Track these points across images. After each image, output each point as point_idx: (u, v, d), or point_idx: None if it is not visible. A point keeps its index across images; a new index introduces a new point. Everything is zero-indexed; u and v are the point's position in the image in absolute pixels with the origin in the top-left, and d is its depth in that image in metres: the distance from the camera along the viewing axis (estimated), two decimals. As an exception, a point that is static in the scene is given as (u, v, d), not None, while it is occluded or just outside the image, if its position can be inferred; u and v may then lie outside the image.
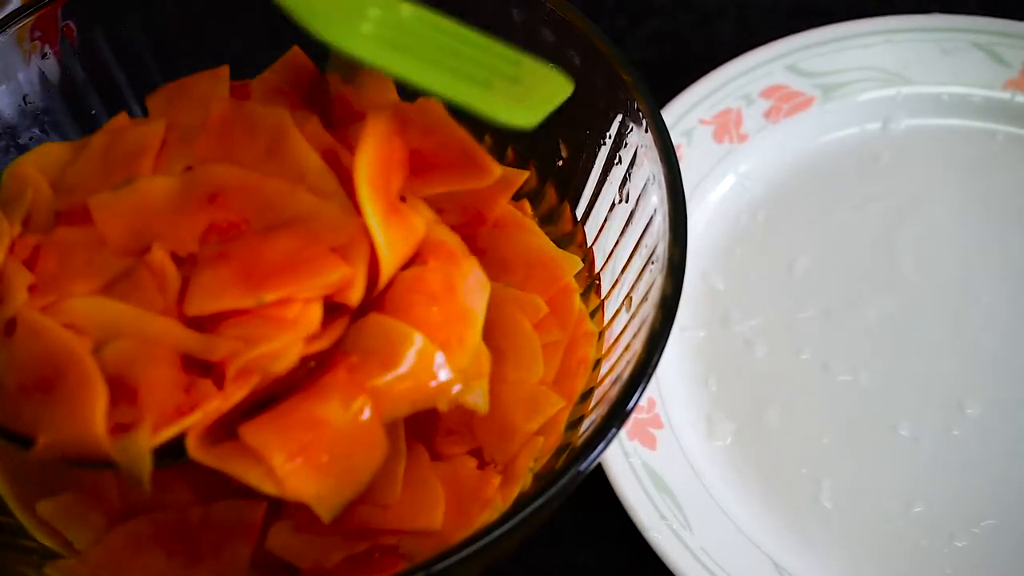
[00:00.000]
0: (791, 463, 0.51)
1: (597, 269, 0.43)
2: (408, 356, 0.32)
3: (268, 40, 0.40)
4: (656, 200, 0.38)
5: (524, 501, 0.31)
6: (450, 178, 0.37)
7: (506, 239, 0.42)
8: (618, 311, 0.40)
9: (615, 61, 0.40)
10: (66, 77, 0.43)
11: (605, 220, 0.43)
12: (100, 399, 0.31)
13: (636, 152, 0.40)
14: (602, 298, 0.42)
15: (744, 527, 0.48)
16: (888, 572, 0.48)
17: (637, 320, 0.37)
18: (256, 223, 0.34)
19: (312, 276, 0.32)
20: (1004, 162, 0.59)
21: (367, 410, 0.32)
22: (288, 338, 0.32)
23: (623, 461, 0.48)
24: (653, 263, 0.37)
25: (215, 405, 0.31)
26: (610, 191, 0.42)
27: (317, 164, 0.35)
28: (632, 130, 0.40)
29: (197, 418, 0.31)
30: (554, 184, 0.45)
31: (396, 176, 0.36)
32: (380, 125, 0.35)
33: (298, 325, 0.32)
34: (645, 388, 0.33)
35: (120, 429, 0.31)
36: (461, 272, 0.34)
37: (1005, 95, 0.60)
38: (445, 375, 0.33)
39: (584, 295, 0.42)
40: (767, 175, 0.60)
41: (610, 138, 0.41)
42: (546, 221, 0.45)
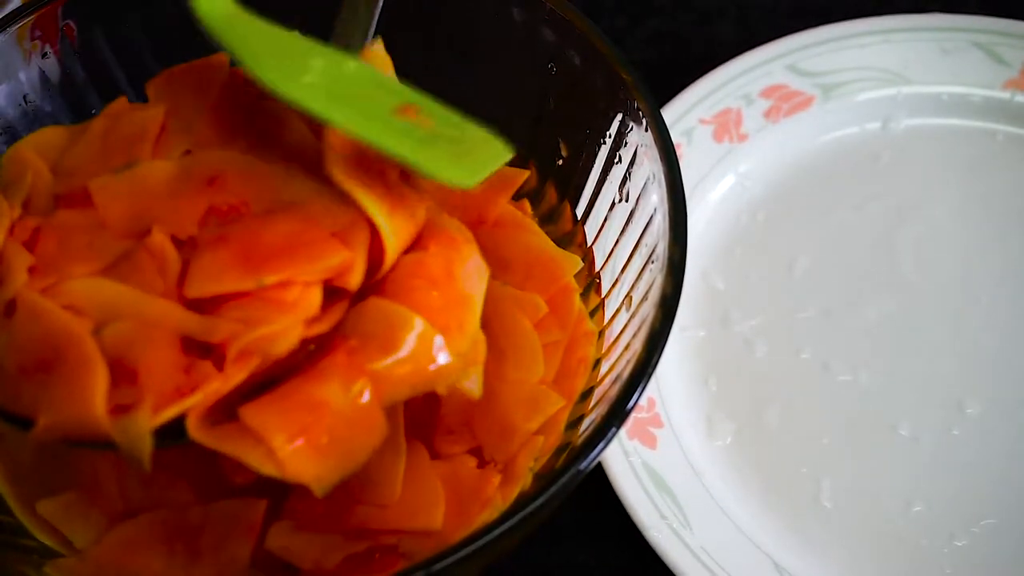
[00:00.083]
0: (791, 463, 0.51)
1: (597, 268, 0.43)
2: (408, 340, 0.32)
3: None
4: (656, 199, 0.38)
5: (524, 500, 0.31)
6: None
7: (506, 238, 0.42)
8: (618, 310, 0.40)
9: (615, 61, 0.40)
10: (66, 77, 0.43)
11: (605, 219, 0.42)
12: (100, 380, 0.30)
13: (636, 151, 0.40)
14: (602, 297, 0.42)
15: (744, 527, 0.48)
16: (888, 572, 0.48)
17: (637, 319, 0.37)
18: (255, 206, 0.34)
19: (312, 260, 0.32)
20: (1004, 162, 0.59)
21: (367, 393, 0.31)
22: (288, 320, 0.32)
23: (623, 460, 0.48)
24: (653, 262, 0.37)
25: (215, 386, 0.31)
26: (610, 190, 0.42)
27: (316, 148, 0.35)
28: (632, 129, 0.40)
29: (197, 399, 0.31)
30: (554, 183, 0.45)
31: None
32: None
33: (298, 308, 0.32)
34: (645, 388, 0.33)
35: (120, 410, 0.31)
36: (461, 257, 0.34)
37: (1005, 95, 0.60)
38: (445, 359, 0.32)
39: (584, 295, 0.42)
40: (767, 175, 0.60)
41: (610, 137, 0.41)
42: (546, 221, 0.45)
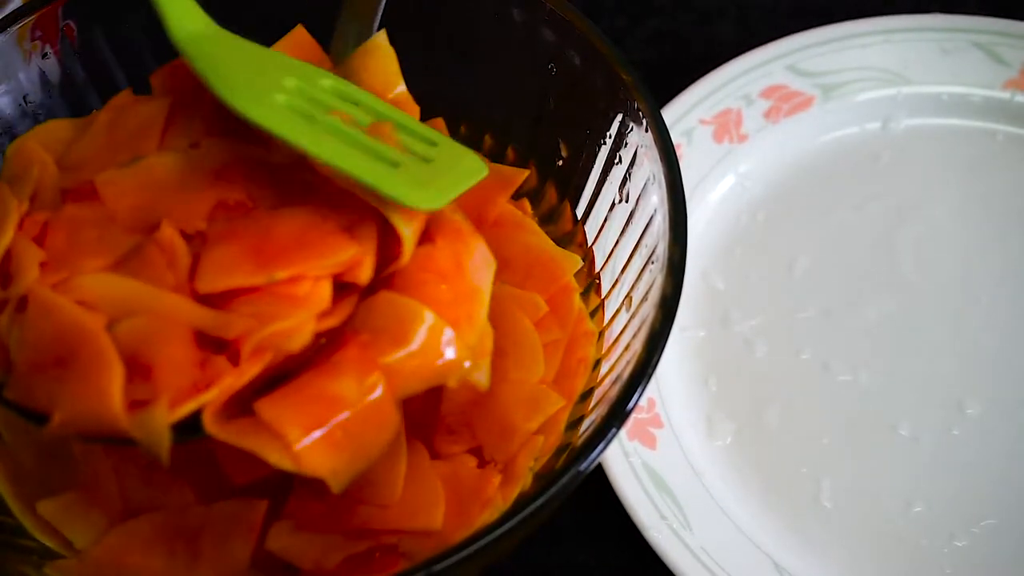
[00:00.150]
0: (791, 463, 0.51)
1: (597, 269, 0.43)
2: (419, 333, 0.32)
3: (270, 40, 0.40)
4: (656, 200, 0.38)
5: (524, 501, 0.31)
6: None
7: (506, 238, 0.42)
8: (618, 311, 0.40)
9: (615, 61, 0.40)
10: (66, 77, 0.43)
11: (605, 220, 0.42)
12: (116, 375, 0.31)
13: (636, 152, 0.40)
14: (602, 297, 0.42)
15: (744, 527, 0.48)
16: (888, 572, 0.48)
17: (637, 320, 0.37)
18: (263, 200, 0.34)
19: (322, 255, 0.32)
20: (1004, 162, 0.59)
21: (380, 386, 0.32)
22: (301, 315, 0.32)
23: (623, 461, 0.48)
24: (653, 263, 0.37)
25: (230, 382, 0.31)
26: (610, 191, 0.42)
27: None
28: (632, 130, 0.40)
29: (213, 395, 0.31)
30: (554, 183, 0.45)
31: None
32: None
33: (310, 302, 0.32)
34: (645, 388, 0.33)
35: (137, 405, 0.31)
36: (468, 250, 0.34)
37: (1005, 95, 0.60)
38: (455, 352, 0.33)
39: (584, 294, 0.42)
40: (767, 175, 0.59)
41: (610, 138, 0.41)
42: (546, 220, 0.45)
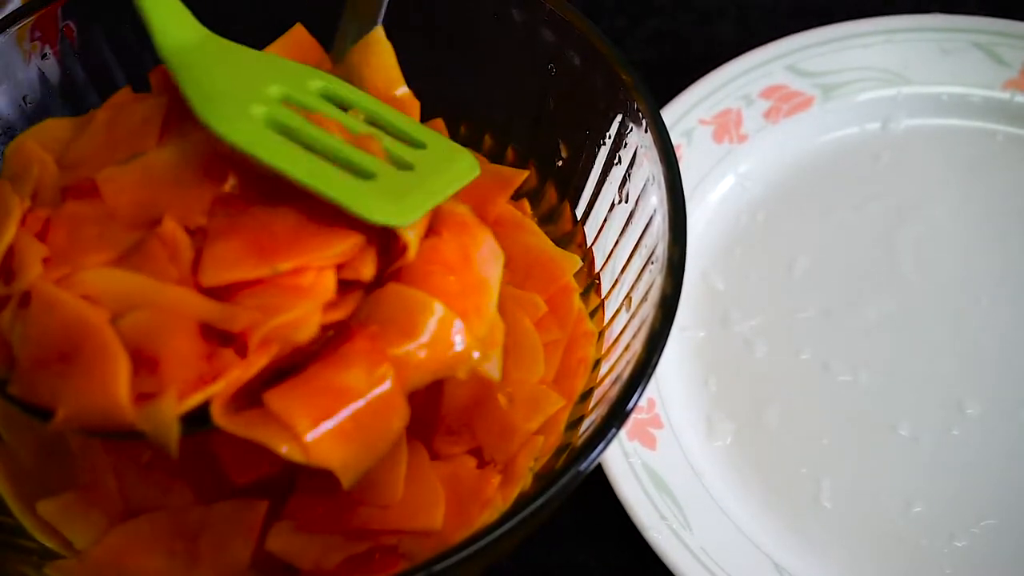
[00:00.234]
0: (791, 463, 0.51)
1: (597, 269, 0.43)
2: (428, 324, 0.32)
3: (270, 40, 0.40)
4: (656, 200, 0.38)
5: (524, 501, 0.31)
6: None
7: (506, 238, 0.42)
8: (618, 311, 0.40)
9: (615, 61, 0.40)
10: (66, 77, 0.43)
11: (605, 220, 0.42)
12: (122, 369, 0.30)
13: (636, 152, 0.40)
14: (602, 298, 0.42)
15: (744, 527, 0.48)
16: (888, 572, 0.48)
17: (637, 320, 0.37)
18: (262, 192, 0.34)
19: (324, 246, 0.32)
20: (1004, 162, 0.59)
21: (389, 378, 0.32)
22: (307, 306, 0.32)
23: (623, 461, 0.48)
24: (653, 263, 0.37)
25: (238, 373, 0.31)
26: (610, 191, 0.42)
27: None
28: (632, 130, 0.40)
29: (221, 386, 0.31)
30: (554, 184, 0.45)
31: None
32: None
33: (314, 293, 0.32)
34: (645, 388, 0.33)
35: (144, 398, 0.31)
36: (475, 242, 0.34)
37: (1005, 95, 0.60)
38: (464, 343, 0.33)
39: (584, 295, 0.42)
40: (767, 175, 0.59)
41: (610, 138, 0.41)
42: (546, 221, 0.45)
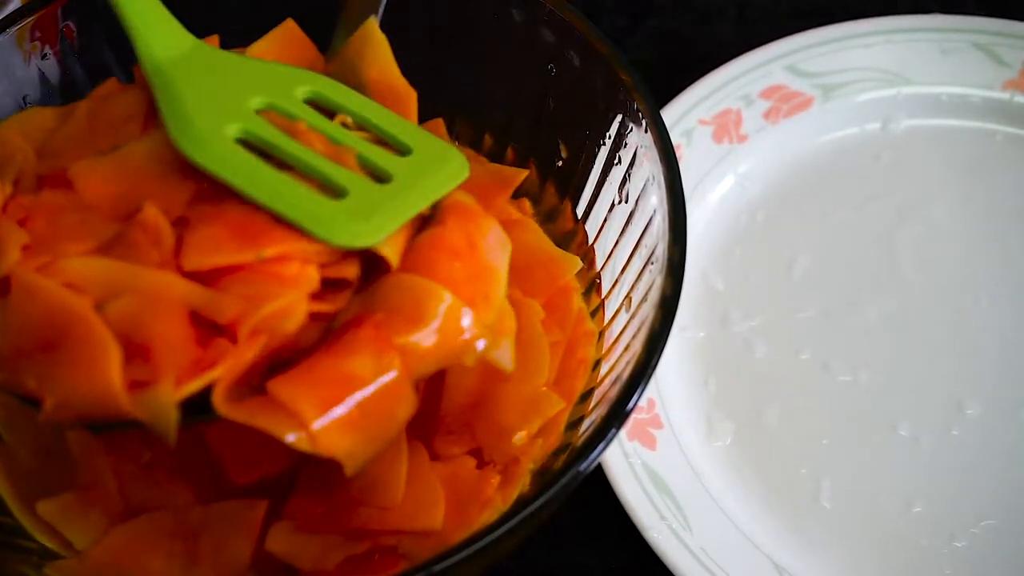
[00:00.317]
0: (791, 463, 0.51)
1: (597, 269, 0.43)
2: (434, 311, 0.32)
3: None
4: (656, 200, 0.38)
5: (524, 501, 0.31)
6: None
7: (506, 238, 0.42)
8: (618, 311, 0.40)
9: (615, 61, 0.39)
10: (66, 77, 0.43)
11: (605, 220, 0.42)
12: (113, 355, 0.30)
13: (636, 152, 0.40)
14: (602, 298, 0.42)
15: (744, 527, 0.48)
16: (888, 572, 0.48)
17: (637, 320, 0.37)
18: None
19: (307, 235, 0.32)
20: (1004, 162, 0.59)
21: (395, 365, 0.31)
22: (293, 295, 0.31)
23: (623, 461, 0.48)
24: (653, 263, 0.37)
25: (234, 359, 0.30)
26: (610, 191, 0.42)
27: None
28: (632, 130, 0.40)
29: (221, 371, 0.30)
30: (554, 184, 0.45)
31: None
32: None
33: (299, 283, 0.32)
34: (645, 388, 0.33)
35: (138, 386, 0.30)
36: (481, 230, 0.34)
37: (1004, 95, 0.60)
38: (471, 331, 0.32)
39: (584, 295, 0.42)
40: (767, 175, 0.59)
41: (610, 138, 0.41)
42: (546, 221, 0.45)
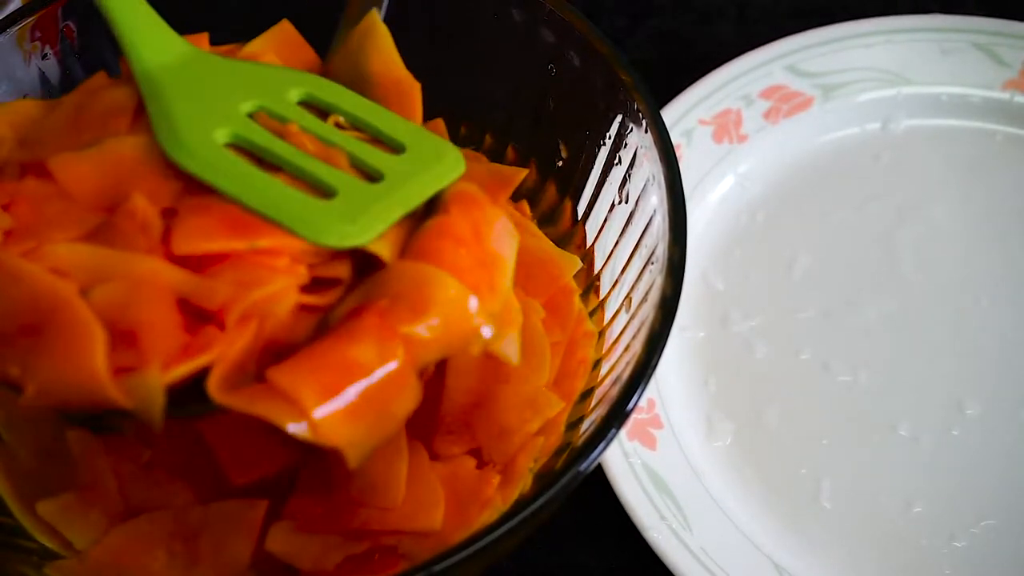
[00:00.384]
0: (791, 463, 0.51)
1: (597, 269, 0.43)
2: (439, 299, 0.31)
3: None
4: (656, 200, 0.38)
5: (524, 501, 0.31)
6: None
7: (505, 239, 0.42)
8: (618, 311, 0.40)
9: (615, 61, 0.39)
10: (66, 77, 0.43)
11: (605, 220, 0.42)
12: (98, 340, 0.29)
13: (636, 152, 0.40)
14: (602, 298, 0.42)
15: (744, 527, 0.48)
16: (888, 572, 0.48)
17: (637, 320, 0.37)
18: None
19: None
20: (1004, 162, 0.59)
21: (399, 353, 0.30)
22: (284, 281, 0.31)
23: (623, 461, 0.48)
24: (653, 263, 0.37)
25: (224, 346, 0.30)
26: (610, 191, 0.42)
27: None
28: (632, 130, 0.40)
29: (210, 358, 0.30)
30: (554, 184, 0.45)
31: None
32: None
33: (290, 274, 0.31)
34: (645, 388, 0.33)
35: (124, 371, 0.29)
36: (486, 218, 0.34)
37: (1004, 95, 0.60)
38: (476, 319, 0.32)
39: (584, 295, 0.42)
40: (767, 175, 0.59)
41: (610, 138, 0.41)
42: (546, 221, 0.45)
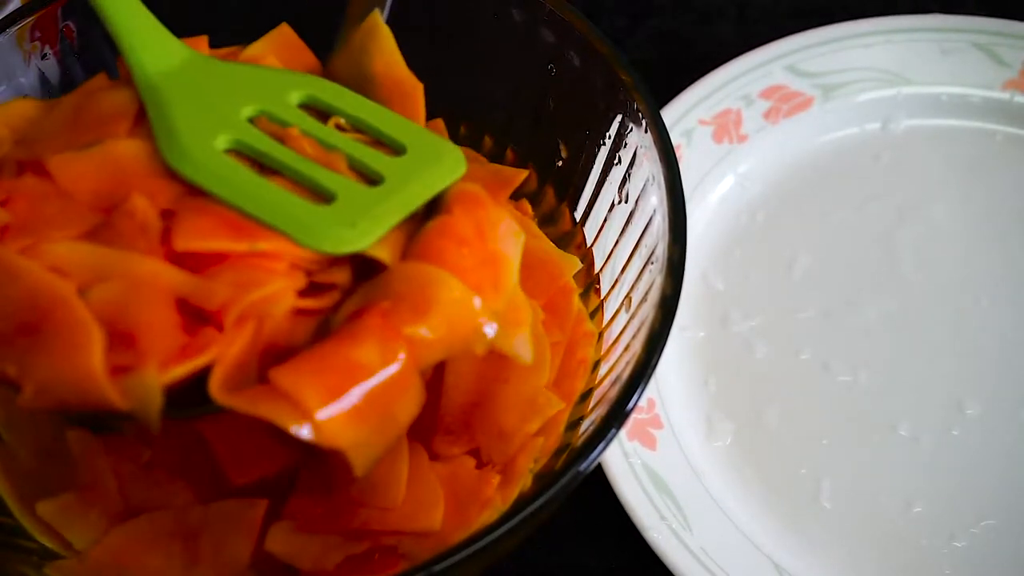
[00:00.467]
0: (791, 463, 0.51)
1: (597, 269, 0.43)
2: (441, 300, 0.31)
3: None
4: (656, 200, 0.38)
5: (524, 501, 0.31)
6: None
7: (505, 239, 0.42)
8: (618, 311, 0.40)
9: (615, 61, 0.39)
10: (66, 77, 0.43)
11: (605, 220, 0.42)
12: (95, 339, 0.29)
13: (636, 152, 0.40)
14: (602, 298, 0.42)
15: (744, 527, 0.48)
16: (888, 572, 0.48)
17: (637, 320, 0.37)
18: None
19: None
20: (1004, 162, 0.59)
21: (403, 354, 0.30)
22: (282, 283, 0.31)
23: (623, 461, 0.48)
24: (653, 263, 0.37)
25: (223, 347, 0.30)
26: (610, 191, 0.42)
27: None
28: (632, 130, 0.40)
29: (209, 358, 0.30)
30: (554, 184, 0.45)
31: None
32: None
33: (288, 277, 0.31)
34: (645, 389, 0.33)
35: (122, 371, 0.29)
36: (490, 218, 0.33)
37: (1004, 95, 0.60)
38: (480, 319, 0.32)
39: (584, 295, 0.42)
40: (767, 175, 0.59)
41: (610, 138, 0.41)
42: (545, 221, 0.45)
